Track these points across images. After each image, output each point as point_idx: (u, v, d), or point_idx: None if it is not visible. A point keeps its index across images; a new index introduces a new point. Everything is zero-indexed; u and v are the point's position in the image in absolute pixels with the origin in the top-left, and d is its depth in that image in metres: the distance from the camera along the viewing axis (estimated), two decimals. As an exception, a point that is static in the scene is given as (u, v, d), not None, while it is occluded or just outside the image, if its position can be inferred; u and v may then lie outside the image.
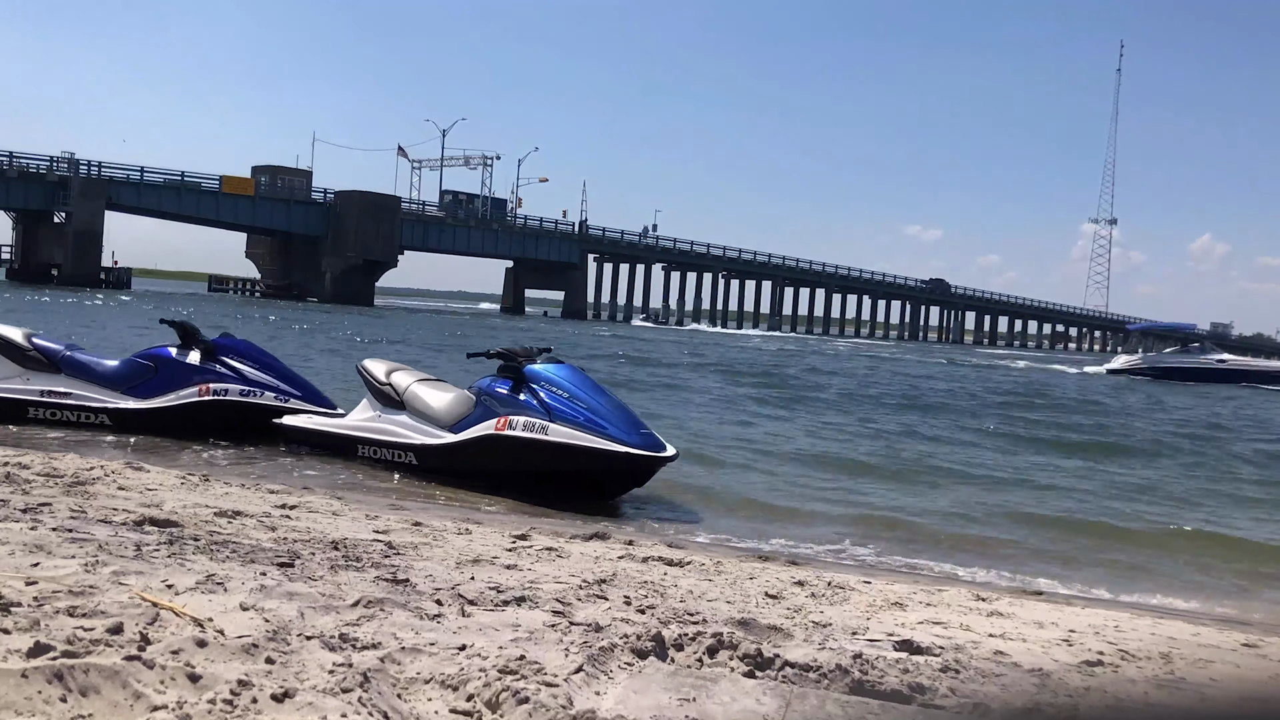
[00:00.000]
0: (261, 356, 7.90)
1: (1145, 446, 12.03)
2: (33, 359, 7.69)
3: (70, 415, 7.51)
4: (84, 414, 7.51)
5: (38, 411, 7.53)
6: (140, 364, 7.74)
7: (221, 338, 7.92)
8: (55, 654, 1.84)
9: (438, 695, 2.00)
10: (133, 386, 7.62)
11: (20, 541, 2.91)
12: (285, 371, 7.92)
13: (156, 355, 7.77)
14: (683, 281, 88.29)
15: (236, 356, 7.71)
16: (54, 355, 7.73)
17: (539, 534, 4.51)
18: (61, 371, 7.67)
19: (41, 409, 7.53)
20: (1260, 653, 3.24)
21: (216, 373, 7.57)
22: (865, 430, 11.63)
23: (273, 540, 3.58)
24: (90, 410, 7.52)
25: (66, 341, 8.25)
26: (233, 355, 7.71)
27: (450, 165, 79.85)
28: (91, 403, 7.54)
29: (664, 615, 2.82)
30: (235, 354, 7.74)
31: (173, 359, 7.67)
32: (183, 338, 7.74)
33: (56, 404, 7.53)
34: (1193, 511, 7.36)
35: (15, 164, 59.79)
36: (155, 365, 7.69)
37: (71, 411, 7.52)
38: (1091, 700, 2.37)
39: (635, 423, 6.13)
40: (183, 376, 7.56)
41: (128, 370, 7.72)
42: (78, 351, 7.99)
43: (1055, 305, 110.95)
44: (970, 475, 8.46)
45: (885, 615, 3.26)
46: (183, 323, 7.83)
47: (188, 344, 7.72)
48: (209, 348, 7.66)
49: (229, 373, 7.59)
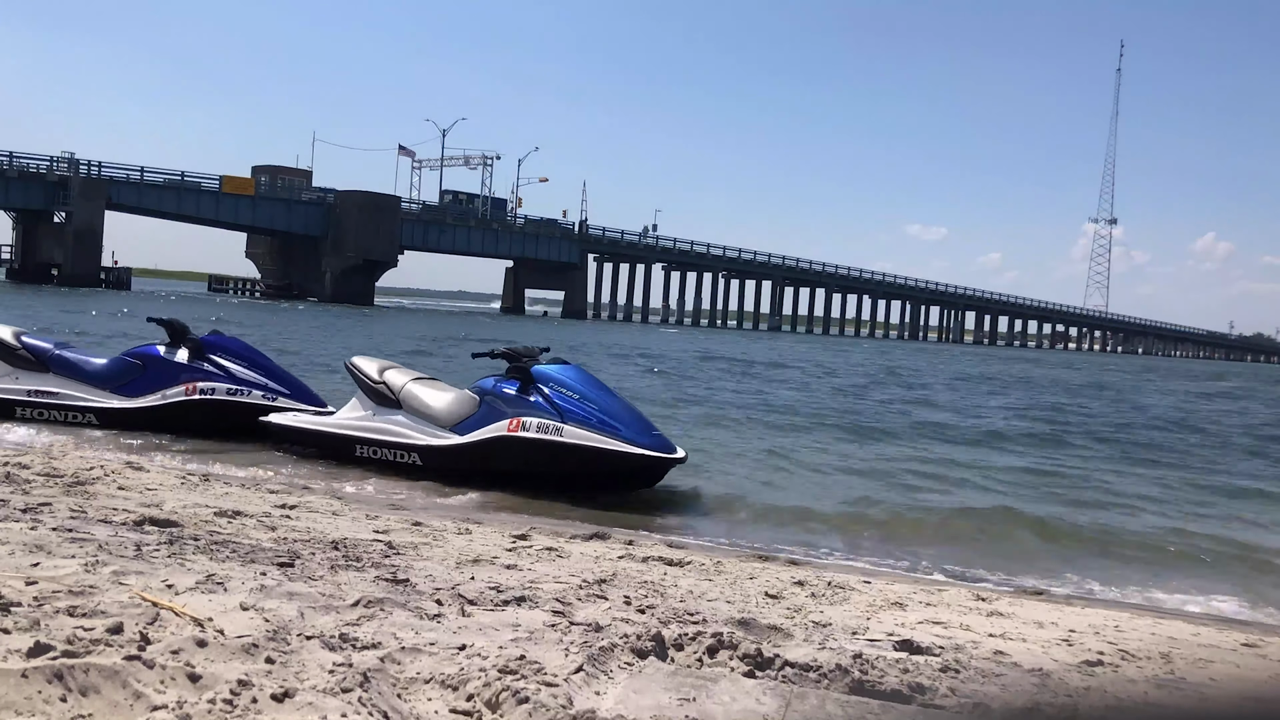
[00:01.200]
0: (250, 354, 7.83)
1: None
2: (22, 358, 7.70)
3: (57, 415, 7.51)
4: (70, 413, 7.51)
5: (25, 411, 7.53)
6: (129, 362, 7.73)
7: (210, 335, 7.86)
8: (55, 654, 1.84)
9: (438, 695, 2.00)
10: (121, 385, 7.62)
11: (20, 541, 2.91)
12: (274, 369, 7.86)
13: (145, 354, 7.75)
14: (683, 281, 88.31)
15: (224, 354, 7.66)
16: (43, 354, 7.74)
17: (539, 534, 4.51)
18: (50, 370, 7.68)
19: (29, 408, 7.54)
20: (1260, 653, 3.24)
21: (204, 371, 7.52)
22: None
23: (273, 540, 3.58)
24: (77, 410, 7.52)
25: (57, 340, 8.25)
26: (221, 353, 7.66)
27: (450, 165, 79.94)
28: (78, 402, 7.54)
29: (664, 615, 2.82)
30: (223, 351, 7.68)
31: (160, 357, 7.65)
32: (172, 336, 7.71)
33: (44, 404, 7.54)
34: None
35: (15, 164, 59.79)
36: (143, 364, 7.68)
37: (58, 411, 7.52)
38: (1091, 700, 2.37)
39: (646, 424, 6.16)
40: (170, 375, 7.54)
41: (116, 369, 7.72)
42: (67, 350, 7.97)
43: (1055, 305, 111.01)
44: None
45: (885, 615, 3.26)
46: (171, 320, 7.77)
47: (176, 342, 7.69)
48: (197, 346, 7.62)
49: (217, 371, 7.53)
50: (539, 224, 78.13)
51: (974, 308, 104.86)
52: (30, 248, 62.44)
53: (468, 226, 75.02)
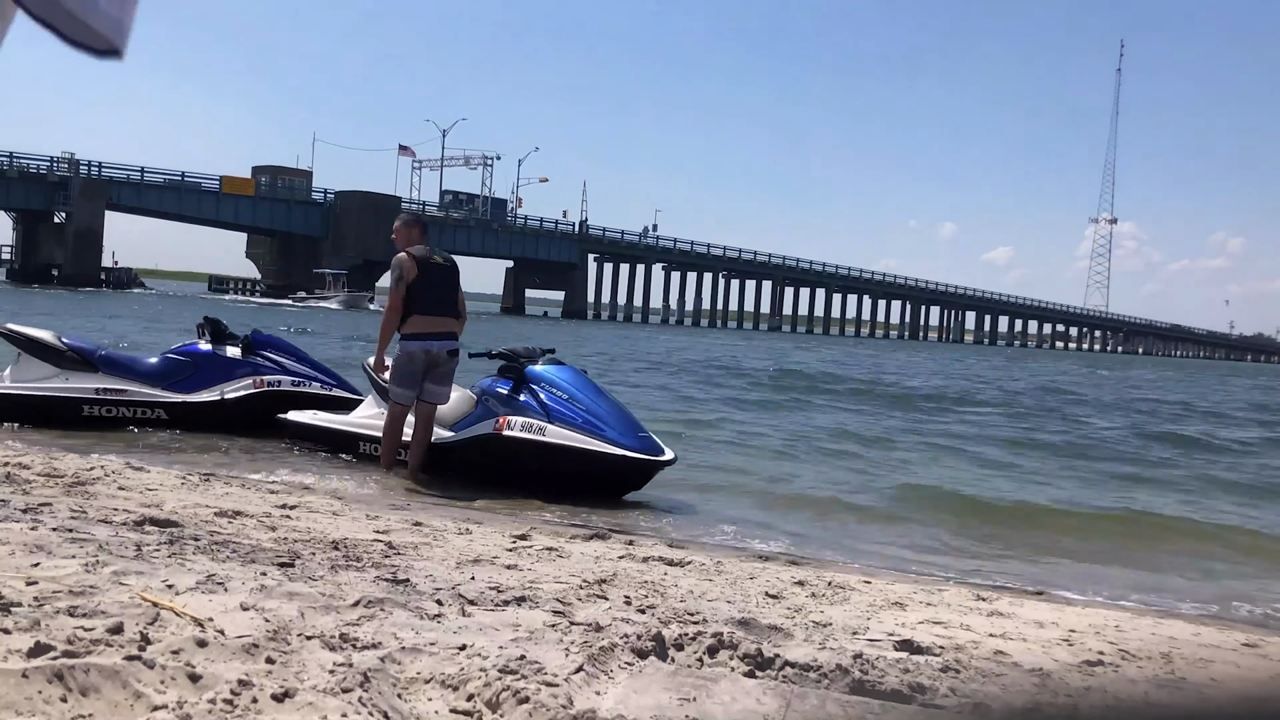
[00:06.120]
0: (294, 349, 8.11)
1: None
2: (69, 359, 7.58)
3: (126, 412, 7.48)
4: (139, 409, 7.51)
5: (93, 409, 7.44)
6: (178, 360, 7.81)
7: (256, 333, 8.05)
8: (55, 654, 1.83)
9: (438, 695, 1.99)
10: (174, 383, 7.66)
11: (20, 541, 2.90)
12: (317, 364, 8.14)
13: (194, 352, 7.85)
14: (683, 281, 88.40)
15: (273, 349, 7.90)
16: (90, 354, 7.67)
17: (539, 534, 4.50)
18: (99, 370, 7.61)
19: (97, 406, 7.45)
20: (1261, 652, 3.24)
21: (262, 365, 7.74)
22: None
23: (273, 540, 3.58)
24: (147, 405, 7.53)
25: (94, 342, 8.26)
26: (270, 349, 7.90)
27: (450, 165, 80.00)
28: (145, 398, 7.54)
29: (664, 615, 2.82)
30: (272, 347, 7.94)
31: (213, 354, 7.78)
32: (214, 335, 7.86)
33: (112, 401, 7.48)
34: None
35: (16, 164, 59.82)
36: (195, 361, 7.76)
37: (127, 408, 7.49)
38: (1092, 700, 2.37)
39: (634, 425, 6.12)
40: (225, 371, 7.69)
41: (167, 367, 7.78)
42: (110, 350, 8.03)
43: (1055, 305, 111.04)
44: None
45: (886, 615, 3.26)
46: (214, 320, 7.98)
47: (220, 340, 7.84)
48: (249, 342, 7.82)
49: (273, 365, 7.77)
50: (539, 224, 78.16)
51: (974, 308, 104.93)
52: (31, 248, 62.50)
53: (468, 227, 75.06)
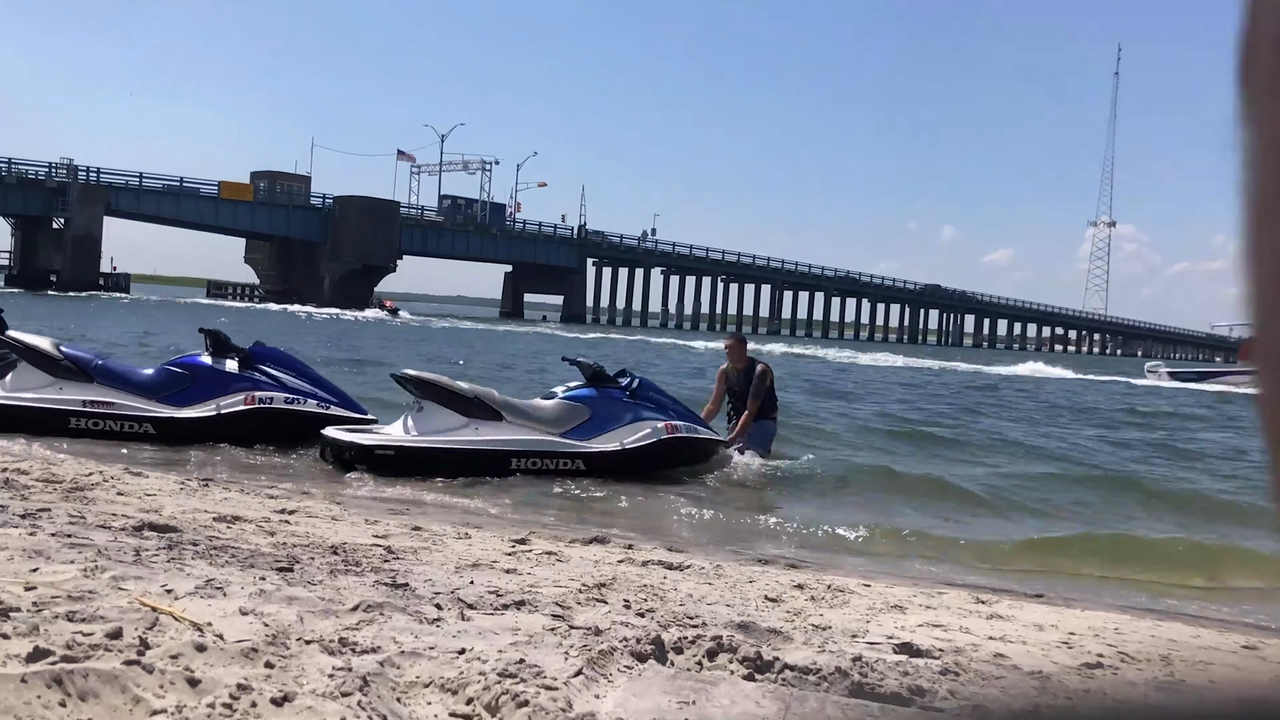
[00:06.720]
0: (297, 364, 7.82)
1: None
2: (64, 368, 7.37)
3: (113, 425, 7.24)
4: (127, 423, 7.26)
5: (79, 421, 7.20)
6: (175, 372, 7.54)
7: (256, 346, 7.76)
8: (55, 659, 1.83)
9: (437, 698, 1.99)
10: (169, 395, 7.41)
11: (19, 547, 2.90)
12: (319, 379, 7.83)
13: (192, 364, 7.59)
14: (681, 285, 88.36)
15: (273, 364, 7.60)
16: (86, 364, 7.46)
17: (538, 538, 4.50)
18: (94, 380, 7.38)
19: (84, 419, 7.22)
20: (1260, 655, 3.24)
21: (257, 380, 7.44)
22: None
23: (272, 545, 3.58)
24: (134, 419, 7.28)
25: (93, 350, 8.13)
26: (270, 363, 7.59)
27: (449, 170, 79.94)
28: (134, 412, 7.30)
29: (664, 619, 2.82)
30: (272, 361, 7.63)
31: (210, 367, 7.50)
32: (215, 346, 7.58)
33: (99, 414, 7.24)
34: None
35: (14, 170, 59.83)
36: (191, 374, 7.50)
37: (114, 421, 7.24)
38: (1091, 702, 2.37)
39: (697, 417, 7.47)
40: (221, 385, 7.40)
41: (163, 378, 7.52)
42: (107, 360, 7.79)
43: (1054, 308, 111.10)
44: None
45: (885, 618, 3.26)
46: (215, 331, 7.68)
47: (221, 352, 7.56)
48: (246, 356, 7.52)
49: (269, 380, 7.46)
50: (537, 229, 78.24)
51: (973, 311, 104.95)
52: (29, 254, 62.44)
53: (466, 231, 75.06)
